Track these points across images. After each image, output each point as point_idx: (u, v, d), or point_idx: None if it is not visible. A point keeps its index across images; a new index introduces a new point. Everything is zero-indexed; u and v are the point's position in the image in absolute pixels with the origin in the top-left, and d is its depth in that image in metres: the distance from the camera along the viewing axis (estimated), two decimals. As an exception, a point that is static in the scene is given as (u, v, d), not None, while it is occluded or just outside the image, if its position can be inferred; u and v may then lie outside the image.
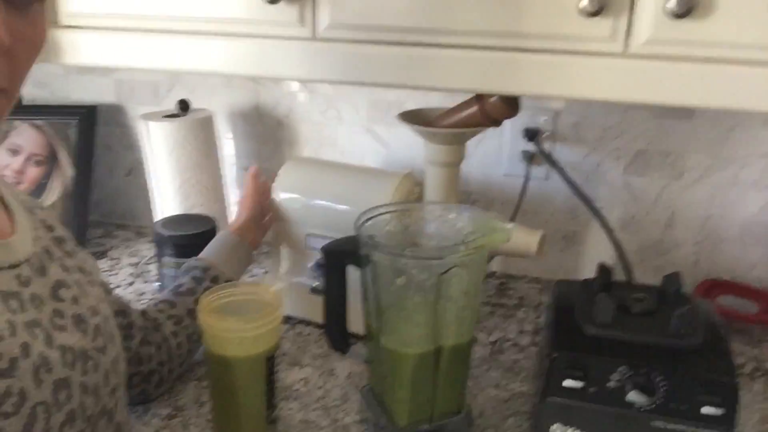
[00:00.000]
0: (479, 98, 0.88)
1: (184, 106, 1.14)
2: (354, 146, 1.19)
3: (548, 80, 0.71)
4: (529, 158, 1.09)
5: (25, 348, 0.49)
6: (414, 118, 0.94)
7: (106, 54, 0.89)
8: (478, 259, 0.69)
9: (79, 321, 0.56)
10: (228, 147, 1.26)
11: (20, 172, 1.24)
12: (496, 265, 1.18)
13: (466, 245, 0.67)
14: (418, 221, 0.78)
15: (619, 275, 0.88)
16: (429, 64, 0.76)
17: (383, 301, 0.69)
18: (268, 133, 1.23)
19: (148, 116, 1.13)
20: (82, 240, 1.22)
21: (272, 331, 0.69)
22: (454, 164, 0.93)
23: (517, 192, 1.10)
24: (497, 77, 0.74)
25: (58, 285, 0.57)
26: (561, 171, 1.02)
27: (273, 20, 0.79)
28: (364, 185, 0.94)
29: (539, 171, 1.10)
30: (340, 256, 0.72)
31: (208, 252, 0.90)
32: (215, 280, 0.85)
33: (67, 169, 1.24)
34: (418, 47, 0.75)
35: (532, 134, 1.06)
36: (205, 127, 1.14)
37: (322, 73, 0.81)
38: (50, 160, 1.24)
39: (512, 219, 1.09)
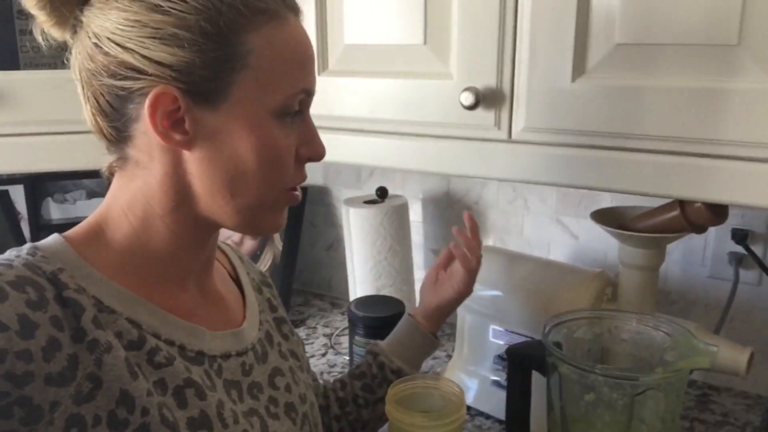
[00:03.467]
0: (682, 202, 0.84)
1: (382, 193, 1.22)
2: (541, 236, 1.18)
3: (756, 189, 0.66)
4: (738, 261, 1.00)
5: None
6: (608, 217, 0.92)
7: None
8: (678, 382, 0.65)
9: (290, 409, 0.62)
10: (418, 230, 1.32)
11: (239, 244, 1.41)
12: (696, 374, 1.08)
13: (665, 366, 0.63)
14: (611, 330, 0.75)
15: None
16: (621, 167, 0.74)
17: (569, 414, 0.67)
18: (457, 219, 1.27)
19: (350, 201, 1.23)
20: (286, 307, 1.34)
21: (456, 429, 0.71)
22: (651, 268, 0.88)
23: (723, 296, 1.01)
24: (701, 185, 0.70)
25: (275, 372, 0.64)
26: (777, 279, 0.92)
27: (470, 124, 0.83)
28: (552, 282, 0.92)
29: (749, 275, 1.00)
30: (526, 361, 0.72)
31: (392, 337, 0.87)
32: (381, 367, 0.82)
33: (277, 243, 1.38)
34: (610, 150, 0.74)
35: (741, 236, 0.98)
36: (400, 214, 1.21)
37: (515, 173, 0.83)
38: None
39: (718, 329, 1.00)
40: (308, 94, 0.57)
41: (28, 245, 0.53)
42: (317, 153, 0.60)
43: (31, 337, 0.45)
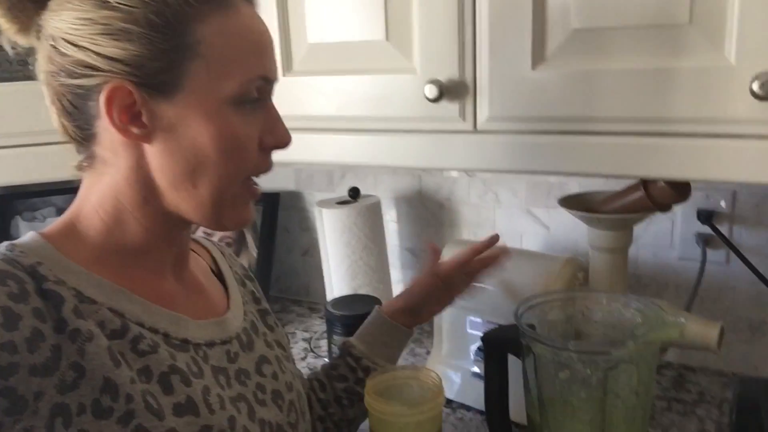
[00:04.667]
0: (645, 182, 0.85)
1: (354, 193, 1.23)
2: (513, 228, 1.19)
3: (715, 164, 0.68)
4: (705, 241, 1.02)
5: (232, 421, 0.55)
6: (576, 203, 0.94)
7: (289, 151, 0.99)
8: (649, 355, 0.66)
9: (276, 397, 0.62)
10: (392, 229, 1.33)
11: (214, 252, 1.40)
12: (672, 356, 1.10)
13: (635, 340, 0.65)
14: (583, 310, 0.76)
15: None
16: (585, 150, 0.75)
17: (546, 394, 0.68)
18: (429, 216, 1.28)
19: (323, 203, 1.24)
20: (262, 315, 1.34)
21: (435, 417, 0.71)
22: (620, 250, 0.90)
23: (693, 277, 1.03)
24: (654, 162, 0.71)
25: (262, 360, 0.64)
26: (742, 256, 0.94)
27: (435, 116, 0.84)
28: (524, 270, 0.93)
29: (717, 255, 1.02)
30: (500, 345, 0.73)
31: (365, 333, 0.85)
32: (367, 371, 0.80)
33: (252, 250, 1.38)
34: (573, 135, 0.76)
35: (706, 216, 1.00)
36: (373, 213, 1.22)
37: (482, 163, 0.84)
38: (238, 242, 1.39)
39: (688, 307, 1.02)
40: (267, 80, 0.57)
41: (5, 243, 0.54)
42: (281, 140, 0.59)
43: (15, 328, 0.46)
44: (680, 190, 0.83)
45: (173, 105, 0.53)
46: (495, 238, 0.91)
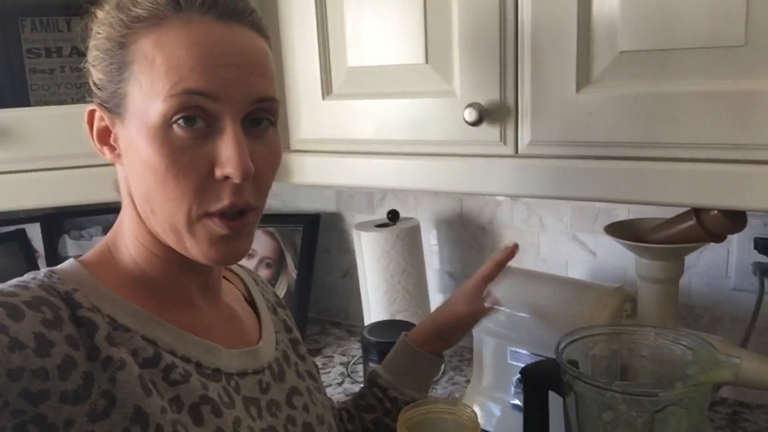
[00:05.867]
0: (698, 210, 0.81)
1: (393, 216, 1.21)
2: (558, 254, 1.16)
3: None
4: (763, 271, 0.96)
5: None
6: (624, 230, 0.90)
7: (328, 174, 0.99)
8: (700, 397, 0.62)
9: (307, 429, 0.61)
10: (432, 253, 1.31)
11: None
12: (726, 391, 1.04)
13: (685, 381, 0.61)
14: (629, 345, 0.72)
15: None
16: (632, 177, 0.72)
17: (588, 435, 0.64)
18: (471, 240, 1.26)
19: (361, 226, 1.22)
20: (302, 335, 1.33)
21: (469, 455, 0.68)
22: (671, 281, 0.85)
23: (750, 309, 0.97)
24: (718, 191, 0.68)
25: (293, 391, 0.63)
26: (805, 289, 0.88)
27: (475, 140, 0.82)
28: (569, 300, 0.90)
29: (777, 286, 0.96)
30: (541, 382, 0.70)
31: (392, 362, 0.82)
32: (394, 401, 0.79)
33: (292, 271, 1.37)
34: (620, 161, 0.73)
35: (764, 244, 0.94)
36: (412, 236, 1.20)
37: (524, 189, 0.81)
38: (278, 263, 1.39)
39: (744, 341, 0.96)
40: (202, 94, 0.50)
41: (45, 269, 0.54)
42: (228, 170, 0.51)
43: (47, 355, 0.46)
44: (735, 219, 0.79)
45: (125, 127, 0.54)
46: (515, 248, 0.87)
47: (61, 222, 1.38)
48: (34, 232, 1.35)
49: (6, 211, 1.05)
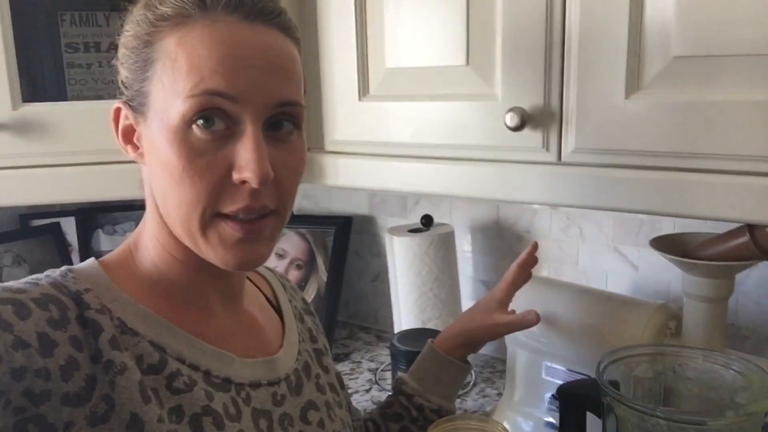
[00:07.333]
0: (751, 227, 0.77)
1: (427, 221, 1.18)
2: (597, 267, 1.11)
3: None
4: (820, 293, 0.91)
5: None
6: (670, 244, 0.85)
7: (362, 177, 0.97)
8: (751, 428, 0.58)
9: None
10: (466, 261, 1.27)
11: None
12: (774, 418, 0.99)
13: (736, 410, 0.57)
14: (674, 367, 0.68)
15: None
16: (682, 189, 0.68)
17: (629, 462, 0.60)
18: (506, 248, 1.22)
19: (394, 230, 1.20)
20: (330, 340, 1.31)
21: (500, 474, 0.65)
22: (719, 300, 0.81)
23: (804, 333, 0.92)
24: (764, 206, 0.63)
25: (309, 406, 0.60)
26: None
27: (516, 146, 0.79)
28: (610, 316, 0.86)
29: (834, 309, 0.91)
30: (579, 402, 0.66)
31: (418, 369, 0.81)
32: (421, 409, 0.77)
33: (322, 273, 1.36)
34: (670, 171, 0.69)
35: (823, 265, 0.89)
36: (446, 243, 1.17)
37: (566, 198, 0.78)
38: (309, 265, 1.38)
39: (797, 367, 0.90)
40: (222, 95, 0.49)
41: (63, 267, 0.54)
42: (245, 174, 0.49)
43: (49, 355, 0.45)
44: (793, 237, 0.74)
45: (147, 126, 0.53)
46: (534, 246, 0.87)
47: (95, 217, 1.39)
48: (69, 226, 1.36)
49: (42, 204, 1.05)
